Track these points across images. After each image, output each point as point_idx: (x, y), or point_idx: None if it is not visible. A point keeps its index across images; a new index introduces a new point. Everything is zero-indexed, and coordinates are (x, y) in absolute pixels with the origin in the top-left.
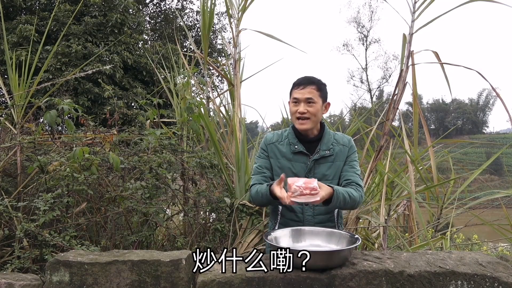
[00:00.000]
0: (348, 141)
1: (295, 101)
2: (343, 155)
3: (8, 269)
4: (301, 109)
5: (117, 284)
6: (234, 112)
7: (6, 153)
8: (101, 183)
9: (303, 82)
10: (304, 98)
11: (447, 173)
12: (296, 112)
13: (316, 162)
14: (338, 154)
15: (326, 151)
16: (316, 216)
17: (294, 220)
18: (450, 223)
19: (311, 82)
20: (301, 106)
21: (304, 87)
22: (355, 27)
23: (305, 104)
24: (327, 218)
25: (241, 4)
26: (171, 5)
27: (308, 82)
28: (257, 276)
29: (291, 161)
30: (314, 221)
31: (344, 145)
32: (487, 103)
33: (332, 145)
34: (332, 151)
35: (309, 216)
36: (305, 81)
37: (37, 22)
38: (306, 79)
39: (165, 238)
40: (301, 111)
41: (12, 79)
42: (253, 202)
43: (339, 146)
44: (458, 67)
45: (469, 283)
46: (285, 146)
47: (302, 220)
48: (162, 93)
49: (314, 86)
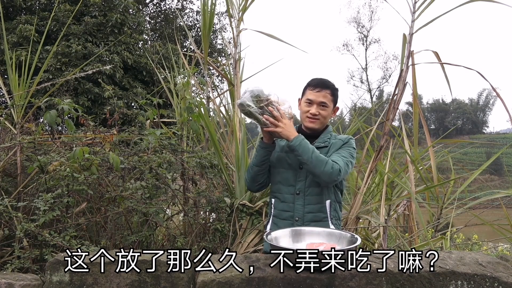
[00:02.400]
0: (346, 137)
1: (308, 102)
2: (336, 147)
3: (8, 269)
4: (313, 110)
5: (117, 284)
6: (234, 112)
7: (6, 153)
8: (101, 183)
9: (319, 85)
10: (318, 101)
11: (447, 173)
12: (307, 112)
13: None
14: (332, 146)
15: (321, 143)
16: (306, 205)
17: (285, 210)
18: (450, 223)
19: (326, 86)
20: (313, 108)
21: (320, 90)
22: (355, 27)
23: (318, 106)
24: (317, 208)
25: (242, 4)
26: (171, 5)
27: (324, 85)
28: (257, 276)
29: (288, 153)
30: (304, 211)
31: (340, 140)
32: (487, 103)
33: (329, 139)
34: (328, 143)
35: (299, 205)
36: (322, 84)
37: (37, 22)
38: (323, 83)
39: (165, 238)
40: (313, 113)
41: (12, 79)
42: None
43: (336, 140)
44: (458, 67)
45: (469, 283)
46: (284, 141)
47: (292, 209)
48: (162, 93)
49: (329, 90)
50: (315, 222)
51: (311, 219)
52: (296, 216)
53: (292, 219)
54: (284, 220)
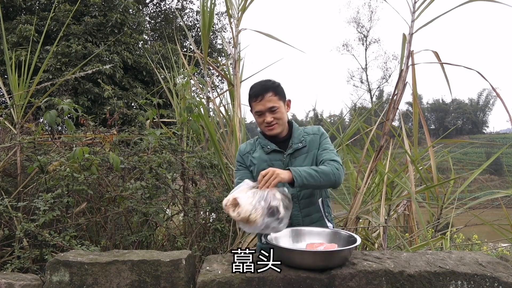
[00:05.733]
0: (318, 129)
1: (259, 113)
2: (316, 143)
3: (8, 269)
4: (268, 119)
5: (117, 284)
6: (234, 112)
7: (6, 153)
8: (101, 183)
9: (259, 92)
10: (267, 109)
11: (447, 173)
12: (263, 122)
13: (291, 156)
14: (311, 143)
15: (298, 143)
16: (302, 209)
17: None
18: (450, 223)
19: (266, 89)
20: (266, 117)
21: (262, 98)
22: (354, 27)
23: (269, 113)
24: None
25: (241, 4)
26: (171, 5)
27: (264, 90)
28: (257, 276)
29: (266, 162)
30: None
31: (314, 134)
32: (487, 103)
33: (303, 137)
34: (305, 142)
35: (296, 212)
36: (261, 90)
37: (37, 22)
38: (261, 88)
39: (165, 238)
40: (268, 121)
41: (11, 79)
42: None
43: (310, 136)
44: (458, 67)
45: (469, 283)
46: (259, 151)
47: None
48: (162, 93)
49: (270, 92)
50: (313, 223)
51: (309, 222)
52: (295, 223)
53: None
54: None
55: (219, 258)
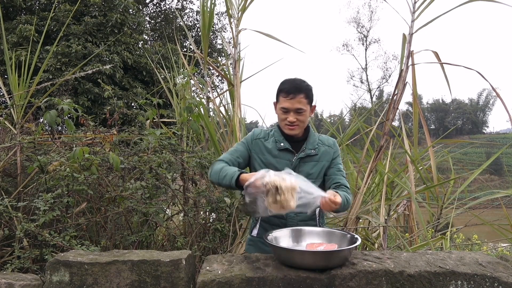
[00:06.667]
0: (333, 143)
1: (284, 110)
2: (328, 156)
3: (8, 269)
4: (291, 118)
5: (117, 284)
6: (234, 112)
7: (6, 153)
8: (101, 183)
9: (292, 91)
10: (294, 108)
11: (447, 173)
12: (285, 120)
13: (301, 160)
14: (324, 154)
15: (311, 150)
16: (299, 214)
17: (277, 217)
18: (450, 223)
19: (299, 90)
20: (290, 116)
21: (294, 97)
22: (354, 27)
23: (295, 113)
24: (309, 217)
25: (241, 4)
26: (171, 5)
27: (297, 90)
28: (257, 276)
29: (276, 158)
30: (297, 219)
31: (329, 146)
32: (487, 103)
33: (318, 145)
34: (318, 150)
35: (291, 213)
36: (294, 89)
37: (37, 22)
38: (295, 87)
39: (165, 238)
40: (291, 121)
41: (11, 79)
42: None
43: (325, 147)
44: (458, 67)
45: (469, 283)
46: (271, 143)
47: (285, 217)
48: (162, 93)
49: (302, 94)
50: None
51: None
52: (289, 224)
53: (284, 226)
54: (274, 225)
55: (219, 258)
